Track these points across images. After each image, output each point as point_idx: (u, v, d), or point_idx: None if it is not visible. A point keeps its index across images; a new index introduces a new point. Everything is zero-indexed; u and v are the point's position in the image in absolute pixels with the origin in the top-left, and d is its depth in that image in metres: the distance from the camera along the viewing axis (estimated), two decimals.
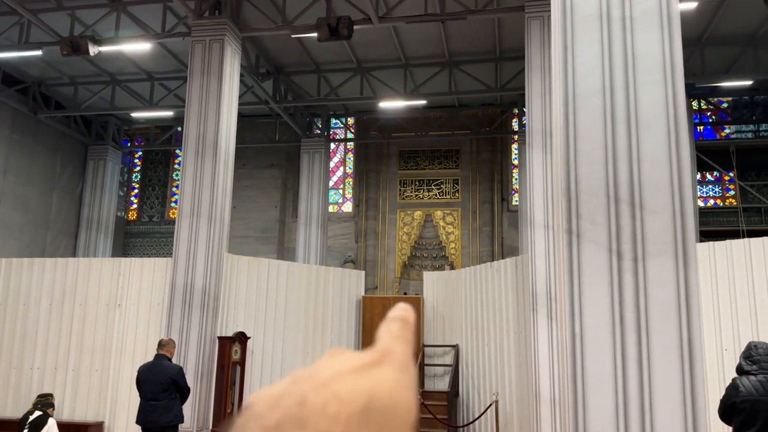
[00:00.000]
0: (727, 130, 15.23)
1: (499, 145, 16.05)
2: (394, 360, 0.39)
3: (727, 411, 4.22)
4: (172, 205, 17.49)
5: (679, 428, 3.53)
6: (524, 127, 10.72)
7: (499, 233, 15.61)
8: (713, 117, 15.26)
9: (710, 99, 14.92)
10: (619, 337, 3.52)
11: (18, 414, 8.59)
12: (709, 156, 13.59)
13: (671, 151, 3.57)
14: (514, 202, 15.66)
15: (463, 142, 16.00)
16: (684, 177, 3.62)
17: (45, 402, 7.84)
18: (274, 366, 10.12)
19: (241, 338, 9.41)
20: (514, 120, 15.72)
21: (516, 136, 15.31)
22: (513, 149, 16.02)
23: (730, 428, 4.28)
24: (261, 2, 10.56)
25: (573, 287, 3.61)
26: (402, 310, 0.45)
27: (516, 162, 15.67)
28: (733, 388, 4.20)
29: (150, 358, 7.13)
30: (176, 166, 17.58)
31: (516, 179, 15.65)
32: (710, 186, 15.09)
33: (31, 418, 7.60)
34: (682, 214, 3.57)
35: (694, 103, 14.80)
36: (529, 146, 8.77)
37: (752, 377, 4.13)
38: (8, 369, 9.38)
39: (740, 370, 4.27)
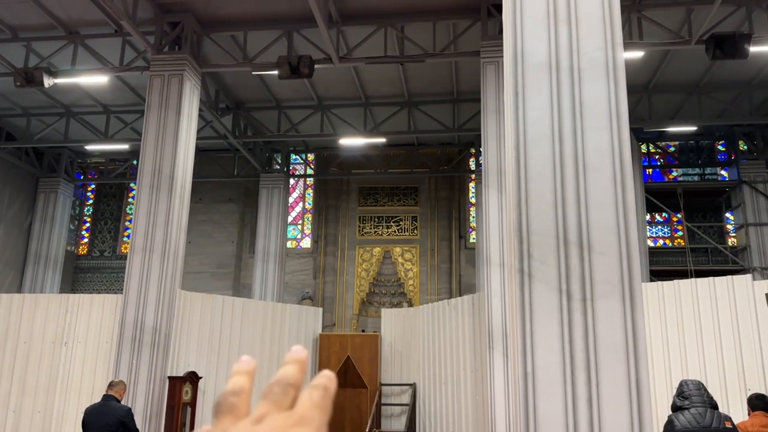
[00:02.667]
0: (674, 173, 15.85)
1: (457, 184, 16.32)
2: (312, 427, 0.44)
3: None
4: (125, 239, 17.09)
5: None
6: (481, 166, 10.96)
7: (456, 270, 15.74)
8: (661, 160, 15.89)
9: (658, 143, 15.54)
10: (570, 376, 3.58)
11: None
12: (657, 197, 14.10)
13: (617, 195, 3.71)
14: (471, 240, 15.86)
15: (421, 179, 16.22)
16: (630, 219, 3.76)
17: None
18: None
19: (193, 378, 9.15)
20: (472, 159, 16.04)
21: (473, 175, 15.61)
22: (470, 188, 16.31)
23: None
24: (222, 39, 10.62)
25: (525, 326, 3.67)
26: (326, 378, 0.49)
27: (473, 200, 15.93)
28: (669, 424, 4.39)
29: (97, 398, 6.86)
30: (130, 200, 17.25)
31: (473, 217, 15.89)
32: (659, 227, 15.61)
33: None
34: (629, 255, 3.70)
35: (643, 147, 15.39)
36: (485, 186, 8.95)
37: (686, 412, 4.33)
38: None
39: (674, 407, 4.48)
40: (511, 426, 7.75)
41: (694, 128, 13.81)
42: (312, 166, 16.80)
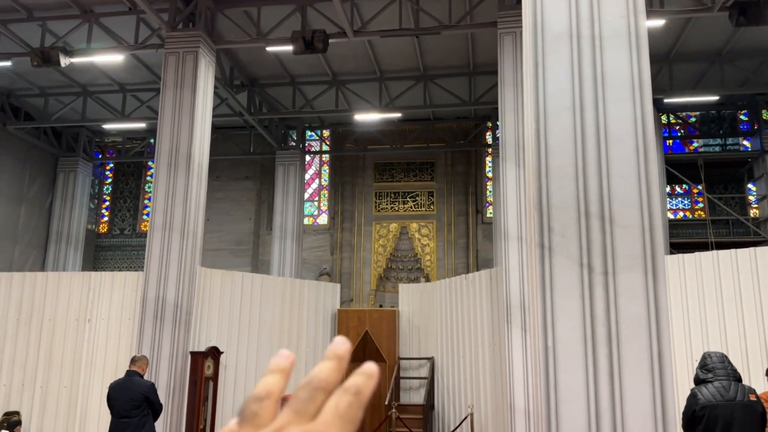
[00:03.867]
0: (695, 144, 15.58)
1: (474, 158, 16.19)
2: None
3: (689, 422, 4.32)
4: (144, 217, 17.26)
5: None
6: (498, 140, 10.84)
7: (473, 245, 15.70)
8: (682, 131, 15.61)
9: (679, 114, 15.26)
10: (591, 350, 3.56)
11: None
12: (678, 169, 13.88)
13: (640, 167, 3.64)
14: (488, 215, 15.79)
15: (438, 154, 16.11)
16: (652, 192, 3.70)
17: (11, 421, 7.64)
18: (248, 381, 10.00)
19: (214, 353, 9.29)
20: (488, 133, 15.88)
21: (490, 150, 15.47)
22: (487, 162, 16.18)
23: None
24: (236, 15, 10.54)
25: (545, 301, 3.65)
26: (363, 378, 0.44)
27: (490, 175, 15.82)
28: (692, 398, 4.32)
29: (120, 373, 7.00)
30: (148, 179, 17.38)
31: (490, 192, 15.79)
32: (680, 199, 15.40)
33: None
34: (651, 228, 3.65)
35: (663, 118, 15.12)
36: (503, 160, 8.86)
37: (709, 385, 4.27)
38: None
39: (697, 380, 4.40)
40: (530, 399, 7.78)
41: (716, 98, 13.52)
42: (327, 143, 16.75)
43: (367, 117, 13.78)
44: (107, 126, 15.09)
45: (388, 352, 10.87)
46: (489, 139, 15.86)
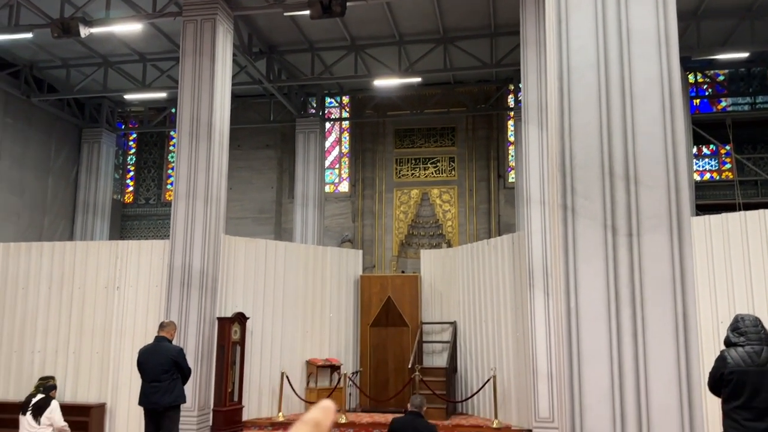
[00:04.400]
0: (723, 103, 15.18)
1: (495, 122, 15.99)
2: None
3: (715, 383, 4.27)
4: (168, 187, 17.44)
5: (674, 400, 3.57)
6: (520, 103, 10.66)
7: (495, 210, 15.62)
8: (709, 90, 15.20)
9: (706, 72, 14.84)
10: (614, 312, 3.54)
11: (20, 397, 8.66)
12: (705, 129, 13.55)
13: (666, 125, 3.56)
14: (510, 180, 15.65)
15: (458, 119, 15.93)
16: (679, 151, 3.62)
17: (47, 385, 7.90)
18: (274, 345, 10.19)
19: (240, 318, 9.46)
20: (510, 96, 15.64)
21: (512, 113, 15.24)
22: (509, 126, 15.97)
23: (720, 400, 4.33)
24: None
25: (568, 263, 3.62)
26: (321, 411, 0.45)
27: (512, 139, 15.62)
28: (720, 360, 4.25)
29: (150, 339, 7.17)
30: (171, 148, 17.50)
31: (512, 156, 15.62)
32: (706, 159, 15.09)
33: (34, 400, 7.66)
34: (677, 188, 3.58)
35: (690, 76, 14.72)
36: (525, 122, 8.73)
37: (739, 349, 4.19)
38: (9, 353, 9.42)
39: (728, 343, 4.32)
40: (553, 362, 7.81)
41: (745, 55, 13.09)
42: (347, 109, 16.66)
43: (386, 82, 13.64)
44: (128, 96, 15.17)
45: (411, 317, 10.96)
46: (511, 102, 15.62)
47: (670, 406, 3.54)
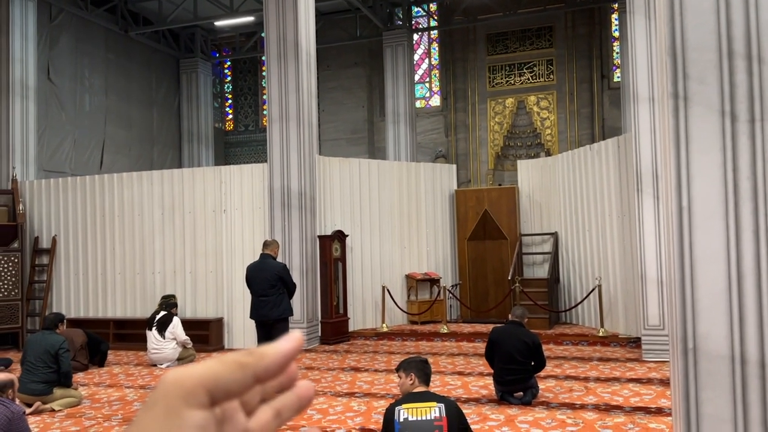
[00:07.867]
0: None
1: (597, 17, 14.79)
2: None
3: None
4: (264, 113, 17.82)
5: None
6: None
7: (599, 114, 14.75)
8: None
9: None
10: (733, 208, 3.21)
11: (146, 314, 9.47)
12: None
13: None
14: (615, 79, 14.61)
15: (556, 17, 14.86)
16: None
17: (169, 302, 8.56)
18: (373, 261, 10.41)
19: (340, 236, 9.69)
20: None
21: (616, 5, 14.02)
22: (613, 20, 14.74)
23: None
24: None
25: (680, 156, 3.29)
26: (249, 355, 0.41)
27: (617, 34, 14.45)
28: None
29: (256, 257, 7.49)
30: (263, 74, 17.73)
31: (617, 53, 14.50)
32: None
33: (158, 317, 8.35)
34: None
35: None
36: (631, 13, 7.96)
37: None
38: (133, 274, 10.25)
39: None
40: (663, 269, 7.43)
41: None
42: (435, 17, 15.99)
43: None
44: (219, 23, 15.35)
45: (509, 229, 10.76)
46: None
47: None
